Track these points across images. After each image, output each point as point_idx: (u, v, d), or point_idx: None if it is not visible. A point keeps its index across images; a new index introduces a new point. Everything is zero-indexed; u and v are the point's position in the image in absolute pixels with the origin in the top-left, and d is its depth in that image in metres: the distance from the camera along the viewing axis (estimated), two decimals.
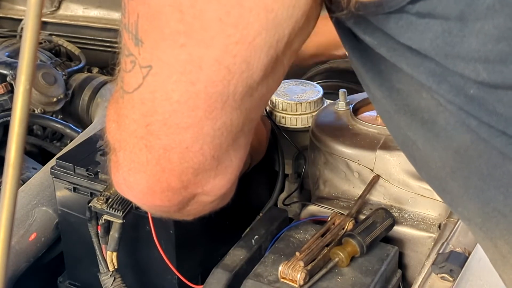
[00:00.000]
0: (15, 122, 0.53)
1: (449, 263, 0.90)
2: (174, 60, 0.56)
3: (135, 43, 0.57)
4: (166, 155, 0.63)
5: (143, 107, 0.60)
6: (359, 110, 1.24)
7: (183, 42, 0.55)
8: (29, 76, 0.52)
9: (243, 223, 1.13)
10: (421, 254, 1.04)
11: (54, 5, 1.89)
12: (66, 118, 1.57)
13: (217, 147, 0.64)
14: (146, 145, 0.63)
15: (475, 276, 0.89)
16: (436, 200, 1.07)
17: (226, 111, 0.60)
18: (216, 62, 0.56)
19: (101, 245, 0.99)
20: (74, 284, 1.16)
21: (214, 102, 0.59)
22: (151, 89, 0.59)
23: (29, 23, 0.51)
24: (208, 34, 0.54)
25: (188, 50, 0.55)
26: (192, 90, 0.58)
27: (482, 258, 0.91)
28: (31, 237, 1.15)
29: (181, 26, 0.54)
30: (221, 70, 0.56)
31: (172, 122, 0.60)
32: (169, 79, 0.57)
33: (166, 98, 0.59)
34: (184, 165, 0.64)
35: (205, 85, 0.57)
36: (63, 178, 1.07)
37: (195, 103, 0.59)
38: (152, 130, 0.61)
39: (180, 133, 0.61)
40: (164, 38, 0.55)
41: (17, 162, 0.53)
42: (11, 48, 1.68)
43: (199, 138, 0.62)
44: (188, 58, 0.56)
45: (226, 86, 0.58)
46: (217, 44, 0.55)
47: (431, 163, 0.64)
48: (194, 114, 0.60)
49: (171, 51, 0.56)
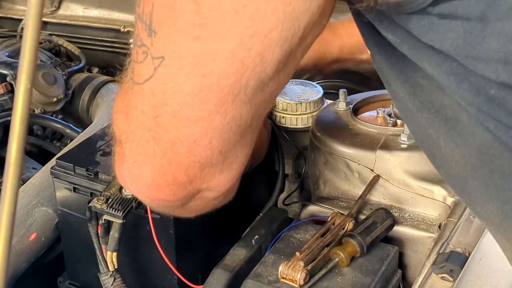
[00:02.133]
0: (16, 122, 0.53)
1: (449, 263, 0.90)
2: (187, 52, 0.55)
3: (148, 34, 0.56)
4: (173, 148, 0.62)
5: (153, 98, 0.60)
6: (359, 110, 1.24)
7: (197, 33, 0.54)
8: (30, 76, 0.52)
9: (243, 223, 1.13)
10: (421, 254, 1.04)
11: (54, 5, 1.89)
12: (66, 118, 1.57)
13: (225, 142, 0.63)
14: (154, 137, 0.62)
15: (475, 276, 0.89)
16: (436, 200, 1.07)
17: (237, 105, 0.60)
18: (231, 54, 0.55)
19: (101, 245, 0.99)
20: (74, 284, 1.16)
21: (225, 96, 0.58)
22: (162, 81, 0.58)
23: (29, 23, 0.51)
24: (223, 26, 0.53)
25: (202, 42, 0.55)
26: (204, 83, 0.57)
27: (482, 258, 0.91)
28: (31, 237, 1.15)
29: (196, 17, 0.53)
30: (234, 63, 0.56)
31: (182, 114, 0.60)
32: (181, 70, 0.57)
33: (177, 90, 0.58)
34: (191, 159, 0.64)
35: (218, 77, 0.57)
36: (63, 178, 1.07)
37: (206, 96, 0.58)
38: (161, 122, 0.61)
39: (189, 126, 0.61)
40: (178, 29, 0.55)
41: (18, 162, 0.53)
42: (11, 48, 1.68)
43: (208, 131, 0.61)
44: (202, 50, 0.55)
45: (238, 80, 0.57)
46: (232, 36, 0.54)
47: (451, 161, 0.64)
48: (205, 107, 0.59)
49: (184, 43, 0.55)
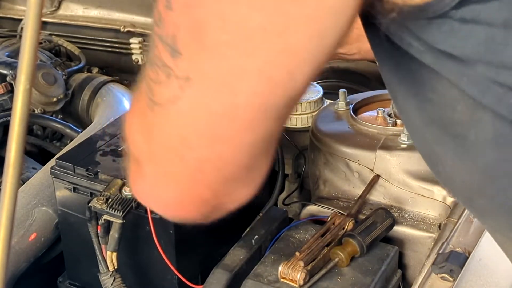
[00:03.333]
0: (15, 122, 0.53)
1: (449, 263, 0.90)
2: (215, 71, 0.54)
3: (172, 55, 0.55)
4: (200, 167, 0.61)
5: (178, 119, 0.58)
6: (359, 110, 1.24)
7: (225, 52, 0.53)
8: (29, 76, 0.52)
9: (243, 223, 1.13)
10: (421, 254, 1.04)
11: (54, 5, 1.89)
12: (66, 118, 1.57)
13: (252, 157, 0.62)
14: (179, 157, 0.60)
15: (475, 276, 0.89)
16: (436, 200, 1.07)
17: (266, 123, 0.58)
18: (259, 72, 0.54)
19: (101, 245, 0.99)
20: (74, 284, 1.16)
21: (255, 114, 0.57)
22: (189, 101, 0.56)
23: (29, 23, 0.51)
24: (251, 43, 0.52)
25: (230, 60, 0.53)
26: (233, 102, 0.56)
27: (482, 258, 0.91)
28: (31, 237, 1.15)
29: (223, 35, 0.52)
30: (263, 81, 0.54)
31: (210, 134, 0.58)
32: (209, 90, 0.55)
33: (205, 110, 0.57)
34: (218, 177, 0.62)
35: (247, 96, 0.55)
36: (63, 178, 1.07)
37: (235, 115, 0.57)
38: (188, 142, 0.59)
39: (217, 144, 0.59)
40: (205, 48, 0.53)
41: (17, 162, 0.53)
42: (11, 48, 1.68)
43: (237, 149, 0.60)
44: (230, 68, 0.54)
45: (267, 98, 0.56)
46: (260, 54, 0.53)
47: (457, 178, 0.64)
48: (234, 125, 0.57)
49: (211, 62, 0.54)
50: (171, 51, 0.55)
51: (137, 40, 1.77)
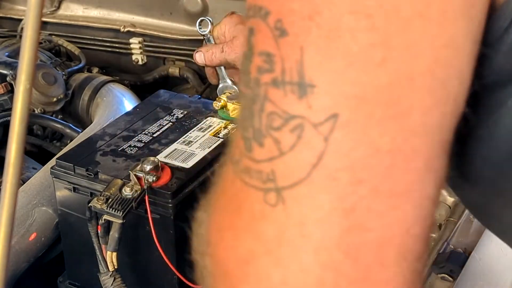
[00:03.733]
0: (15, 122, 0.53)
1: (449, 263, 0.90)
2: (374, 88, 0.39)
3: (299, 95, 0.39)
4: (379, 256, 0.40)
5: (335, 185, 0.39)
6: None
7: (382, 56, 0.39)
8: (29, 76, 0.52)
9: None
10: None
11: (54, 5, 1.89)
12: (66, 118, 1.57)
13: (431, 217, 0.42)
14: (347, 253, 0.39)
15: (475, 276, 0.89)
16: None
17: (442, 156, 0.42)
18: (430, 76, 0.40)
19: (101, 245, 0.99)
20: (74, 284, 1.16)
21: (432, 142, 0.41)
22: (344, 150, 0.39)
23: (29, 23, 0.51)
24: (410, 37, 0.39)
25: (391, 66, 0.39)
26: (406, 126, 0.39)
27: (482, 258, 0.91)
28: (31, 237, 1.15)
29: (374, 35, 0.39)
30: (436, 88, 0.40)
31: (385, 187, 0.40)
32: (371, 119, 0.39)
33: (372, 152, 0.39)
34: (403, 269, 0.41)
35: (421, 114, 0.40)
36: (63, 178, 1.07)
37: (413, 148, 0.40)
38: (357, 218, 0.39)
39: (398, 205, 0.40)
40: (352, 61, 0.39)
41: (17, 162, 0.53)
42: (11, 48, 1.68)
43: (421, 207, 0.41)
44: (393, 78, 0.39)
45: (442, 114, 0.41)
46: (424, 49, 0.40)
47: None
48: (413, 166, 0.40)
49: (366, 76, 0.39)
50: (298, 90, 0.39)
51: (137, 40, 1.77)
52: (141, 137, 1.14)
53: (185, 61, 1.77)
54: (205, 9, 1.69)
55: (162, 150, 1.09)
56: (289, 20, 0.40)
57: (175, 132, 1.15)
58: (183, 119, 1.20)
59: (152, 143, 1.12)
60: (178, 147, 1.10)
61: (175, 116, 1.21)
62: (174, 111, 1.22)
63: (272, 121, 0.40)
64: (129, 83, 1.73)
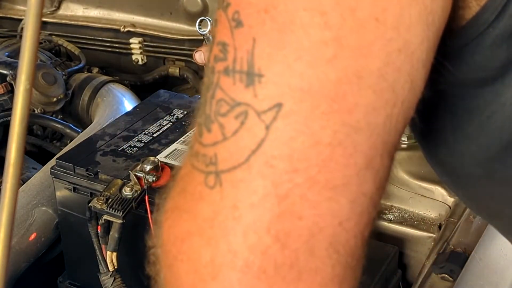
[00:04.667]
0: (15, 122, 0.53)
1: (449, 263, 0.90)
2: (320, 82, 0.40)
3: (248, 83, 0.40)
4: (309, 245, 0.41)
5: (271, 172, 0.40)
6: None
7: (332, 53, 0.40)
8: (29, 76, 0.52)
9: None
10: (421, 254, 1.04)
11: (54, 5, 1.89)
12: (66, 118, 1.57)
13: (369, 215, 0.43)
14: (278, 238, 0.40)
15: (475, 276, 0.89)
16: (436, 200, 1.07)
17: (384, 156, 0.42)
18: (379, 77, 0.40)
19: (101, 245, 0.99)
20: (74, 284, 1.16)
21: (375, 139, 0.41)
22: (284, 138, 0.40)
23: (29, 23, 0.51)
24: (364, 38, 0.40)
25: (340, 63, 0.40)
26: (349, 122, 0.40)
27: (482, 258, 0.91)
28: (31, 237, 1.15)
29: (327, 32, 0.40)
30: (384, 89, 0.41)
31: (322, 180, 0.40)
32: (314, 111, 0.40)
33: (312, 144, 0.40)
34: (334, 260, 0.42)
35: (365, 112, 0.40)
36: (63, 178, 1.07)
37: (353, 143, 0.41)
38: (289, 205, 0.40)
39: (332, 197, 0.41)
40: (302, 55, 0.40)
41: (17, 162, 0.53)
42: (11, 48, 1.68)
43: (356, 204, 0.41)
44: (342, 74, 0.40)
45: (388, 115, 0.41)
46: (376, 51, 0.40)
47: None
48: (352, 161, 0.41)
49: (314, 71, 0.40)
50: (247, 78, 0.41)
51: (137, 40, 1.77)
52: (141, 137, 1.14)
53: (185, 61, 1.77)
54: (205, 9, 1.69)
55: (162, 150, 1.09)
56: (246, 12, 0.41)
57: (175, 132, 1.15)
58: (183, 119, 1.20)
59: (152, 143, 1.12)
60: (178, 147, 1.10)
61: (175, 116, 1.21)
62: (174, 111, 1.22)
63: (220, 107, 0.42)
64: (129, 83, 1.73)
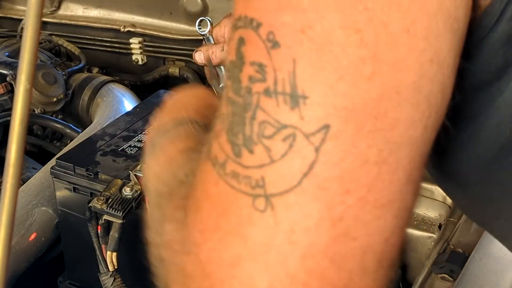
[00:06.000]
0: (15, 122, 0.53)
1: (449, 263, 0.90)
2: (363, 101, 0.40)
3: (292, 105, 0.40)
4: (362, 263, 0.42)
5: (325, 195, 0.40)
6: None
7: (371, 70, 0.40)
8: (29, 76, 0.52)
9: None
10: (421, 254, 1.04)
11: (54, 5, 1.89)
12: (66, 118, 1.57)
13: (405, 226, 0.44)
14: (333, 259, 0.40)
15: (475, 276, 0.89)
16: (436, 200, 1.07)
17: (421, 167, 0.43)
18: (415, 90, 0.41)
19: (101, 245, 0.99)
20: (74, 284, 1.16)
21: (414, 154, 0.42)
22: (335, 160, 0.40)
23: (29, 23, 0.51)
24: (398, 52, 0.40)
25: (380, 80, 0.40)
26: (392, 139, 0.41)
27: (482, 258, 0.91)
28: (31, 237, 1.15)
29: (363, 50, 0.40)
30: (420, 102, 0.41)
31: (371, 198, 0.41)
32: (361, 131, 0.40)
33: (360, 163, 0.40)
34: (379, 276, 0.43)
35: (405, 127, 0.41)
36: (63, 178, 1.07)
37: (396, 159, 0.41)
38: (344, 227, 0.40)
39: (381, 215, 0.41)
40: (343, 74, 0.40)
41: (17, 162, 0.53)
42: (11, 48, 1.69)
43: (398, 218, 0.42)
44: (382, 91, 0.40)
45: (425, 127, 0.42)
46: (411, 64, 0.41)
47: None
48: (396, 177, 0.41)
49: (356, 89, 0.40)
50: (291, 100, 0.40)
51: (137, 40, 1.77)
52: (141, 137, 1.14)
53: (185, 61, 1.77)
54: (205, 9, 1.69)
55: None
56: (281, 33, 0.41)
57: None
58: None
59: None
60: None
61: None
62: None
63: (264, 129, 0.41)
64: (129, 83, 1.73)
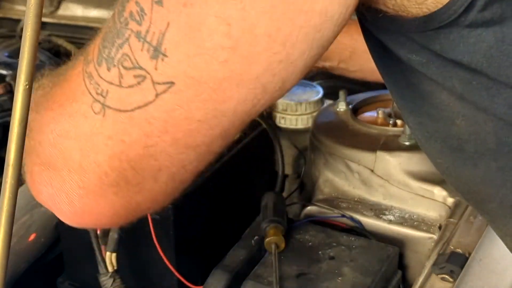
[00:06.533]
0: (15, 122, 0.53)
1: (449, 264, 0.90)
2: (209, 77, 0.50)
3: (152, 56, 0.50)
4: (155, 175, 0.56)
5: (148, 126, 0.52)
6: (359, 110, 1.24)
7: (225, 57, 0.49)
8: (29, 76, 0.52)
9: (243, 223, 1.13)
10: (422, 255, 1.03)
11: (54, 5, 1.89)
12: None
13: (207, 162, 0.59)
14: (133, 167, 0.54)
15: (476, 277, 0.89)
16: (437, 200, 1.07)
17: (235, 131, 0.56)
18: (256, 80, 0.51)
19: (100, 245, 0.99)
20: (73, 285, 1.16)
21: (236, 121, 0.54)
22: (167, 107, 0.51)
23: (29, 23, 0.51)
24: (254, 50, 0.49)
25: (229, 66, 0.50)
26: (220, 109, 0.52)
27: (482, 258, 0.90)
28: (30, 238, 1.15)
29: (226, 40, 0.49)
30: (257, 88, 0.52)
31: (184, 142, 0.54)
32: (197, 97, 0.51)
33: (186, 117, 0.52)
34: (169, 186, 0.58)
35: (236, 103, 0.52)
36: None
37: (217, 122, 0.53)
38: (152, 151, 0.54)
39: (185, 152, 0.55)
40: (202, 52, 0.49)
41: (17, 162, 0.53)
42: (11, 48, 1.68)
43: (201, 156, 0.56)
44: (227, 75, 0.50)
45: (254, 105, 0.53)
46: (261, 61, 0.50)
47: (463, 187, 0.63)
48: (211, 133, 0.54)
49: (207, 67, 0.50)
50: (153, 52, 0.50)
51: None
52: None
53: None
54: None
55: None
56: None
57: None
58: None
59: None
60: None
61: None
62: None
63: (124, 60, 0.51)
64: None
